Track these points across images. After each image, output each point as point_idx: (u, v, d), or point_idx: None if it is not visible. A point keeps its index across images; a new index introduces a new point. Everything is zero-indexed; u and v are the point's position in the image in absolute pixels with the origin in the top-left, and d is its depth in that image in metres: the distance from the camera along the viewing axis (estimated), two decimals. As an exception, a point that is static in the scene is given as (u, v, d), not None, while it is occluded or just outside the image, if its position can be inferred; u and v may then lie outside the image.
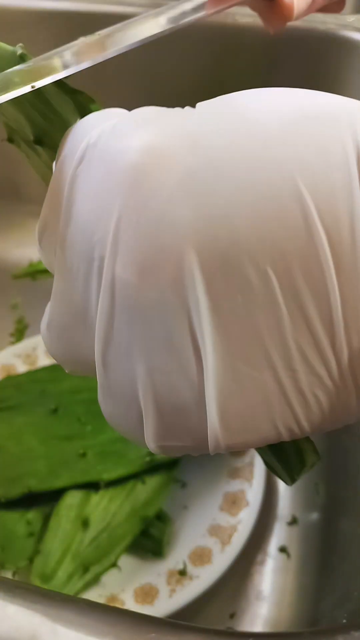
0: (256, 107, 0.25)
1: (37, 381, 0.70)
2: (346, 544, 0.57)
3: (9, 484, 0.60)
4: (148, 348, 0.25)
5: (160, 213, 0.24)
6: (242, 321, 0.24)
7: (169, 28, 0.38)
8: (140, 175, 0.25)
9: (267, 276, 0.23)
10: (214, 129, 0.25)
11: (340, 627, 0.30)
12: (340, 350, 0.24)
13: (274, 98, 0.26)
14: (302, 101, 0.26)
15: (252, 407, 0.24)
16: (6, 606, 0.27)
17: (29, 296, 0.86)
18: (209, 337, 0.24)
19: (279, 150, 0.24)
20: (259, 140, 0.24)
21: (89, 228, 0.26)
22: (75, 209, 0.27)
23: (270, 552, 0.63)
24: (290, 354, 0.24)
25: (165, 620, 0.30)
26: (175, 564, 0.59)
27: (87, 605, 0.29)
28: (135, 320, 0.25)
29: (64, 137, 0.30)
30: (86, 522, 0.59)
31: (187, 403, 0.25)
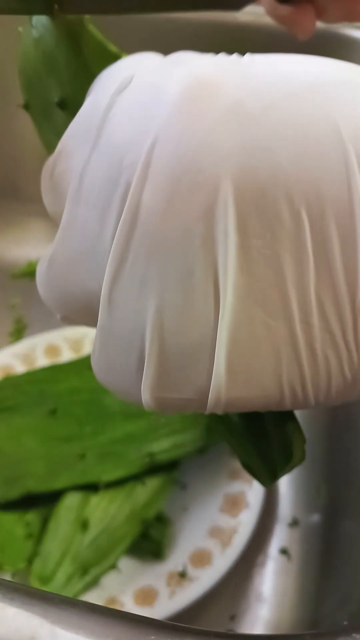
0: (300, 60, 0.26)
1: (36, 382, 0.70)
2: (347, 546, 0.58)
3: (7, 485, 0.60)
4: (163, 283, 0.24)
5: (202, 138, 0.23)
6: (267, 263, 0.23)
7: None
8: (186, 101, 0.24)
9: (300, 218, 0.23)
10: (263, 70, 0.25)
11: (341, 629, 0.30)
12: (358, 312, 0.23)
13: (309, 60, 0.26)
14: (339, 64, 0.26)
15: (261, 358, 0.24)
16: (5, 608, 0.27)
17: (27, 296, 0.86)
18: (232, 276, 0.23)
19: (324, 96, 0.24)
20: (306, 83, 0.24)
21: (119, 151, 0.25)
22: (106, 132, 0.26)
23: (271, 554, 0.63)
24: (310, 305, 0.23)
25: (165, 623, 0.29)
26: (175, 566, 0.59)
27: (86, 607, 0.28)
28: (155, 252, 0.24)
29: (96, 79, 0.30)
30: (85, 523, 0.59)
31: (196, 346, 0.24)
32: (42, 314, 0.84)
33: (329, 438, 0.67)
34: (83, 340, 0.78)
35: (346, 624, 0.51)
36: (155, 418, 0.63)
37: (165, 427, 0.63)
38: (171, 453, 0.63)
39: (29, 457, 0.62)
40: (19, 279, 0.87)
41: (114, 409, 0.65)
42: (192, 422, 0.64)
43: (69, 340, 0.78)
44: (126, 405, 0.64)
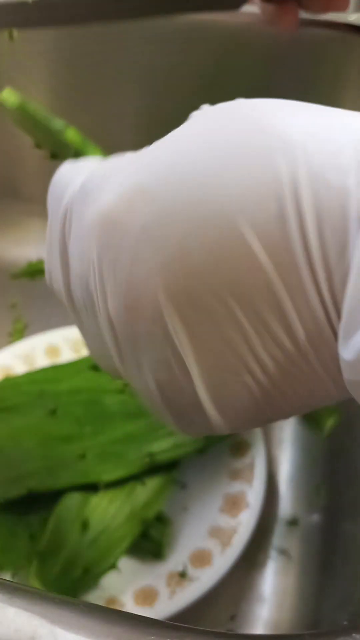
0: (195, 146, 0.28)
1: (36, 382, 0.70)
2: (347, 546, 0.58)
3: (8, 485, 0.60)
4: (152, 367, 0.30)
5: (130, 258, 0.28)
6: (215, 339, 0.27)
7: None
8: (104, 240, 0.29)
9: (227, 302, 0.27)
10: (162, 180, 0.28)
11: (341, 629, 0.30)
12: (298, 341, 0.27)
13: (211, 131, 0.29)
14: (241, 129, 0.28)
15: (241, 400, 0.29)
16: (5, 608, 0.27)
17: (27, 296, 0.86)
18: (190, 356, 0.28)
19: (217, 193, 0.26)
20: (201, 185, 0.27)
21: (83, 278, 0.31)
22: (70, 263, 0.32)
23: (271, 554, 0.63)
24: (262, 357, 0.27)
25: (165, 623, 0.30)
26: (175, 566, 0.59)
27: (86, 607, 0.29)
28: (136, 347, 0.29)
29: (48, 192, 0.37)
30: (85, 523, 0.59)
31: (190, 406, 0.30)
32: (42, 314, 0.84)
33: (329, 439, 0.68)
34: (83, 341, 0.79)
35: (346, 624, 0.51)
36: (155, 418, 0.64)
37: (165, 427, 0.63)
38: (171, 453, 0.63)
39: (29, 457, 0.62)
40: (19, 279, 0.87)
41: (114, 409, 0.65)
42: (192, 422, 0.64)
43: (69, 341, 0.78)
44: (126, 405, 0.65)
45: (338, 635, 0.29)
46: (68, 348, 0.78)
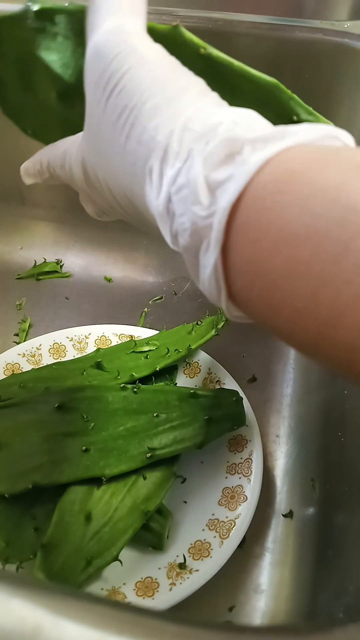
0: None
1: (41, 379, 0.71)
2: (342, 539, 0.58)
3: (13, 480, 0.61)
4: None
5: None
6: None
7: None
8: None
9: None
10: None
11: (338, 620, 0.30)
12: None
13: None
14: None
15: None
16: (10, 599, 0.28)
17: (33, 297, 0.87)
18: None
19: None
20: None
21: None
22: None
23: (268, 546, 0.64)
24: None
25: (166, 613, 0.30)
26: (175, 558, 0.60)
27: (89, 598, 0.29)
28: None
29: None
30: (89, 516, 0.59)
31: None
32: (47, 315, 0.85)
33: (324, 434, 0.68)
34: (87, 340, 0.79)
35: (342, 616, 0.51)
36: (156, 414, 0.64)
37: (166, 423, 0.64)
38: (171, 448, 0.63)
39: (34, 452, 0.62)
40: (25, 281, 0.88)
41: (117, 406, 0.65)
42: (191, 418, 0.65)
43: (73, 340, 0.79)
44: (128, 402, 0.65)
45: (334, 626, 0.29)
46: (72, 347, 0.79)
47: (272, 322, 0.33)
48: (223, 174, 0.33)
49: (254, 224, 0.31)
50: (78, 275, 0.91)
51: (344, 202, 0.28)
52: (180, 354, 0.74)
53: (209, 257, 0.34)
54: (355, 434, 0.62)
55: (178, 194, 0.34)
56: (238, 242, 0.32)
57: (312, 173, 0.30)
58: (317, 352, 0.31)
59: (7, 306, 0.87)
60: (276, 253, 0.30)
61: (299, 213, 0.29)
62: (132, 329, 0.81)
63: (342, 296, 0.27)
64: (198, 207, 0.33)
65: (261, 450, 0.66)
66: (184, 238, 0.35)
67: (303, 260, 0.29)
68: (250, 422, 0.68)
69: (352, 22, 0.70)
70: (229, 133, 0.33)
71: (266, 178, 0.31)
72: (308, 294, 0.29)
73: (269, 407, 0.76)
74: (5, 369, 0.76)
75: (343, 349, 0.29)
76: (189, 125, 0.35)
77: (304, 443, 0.71)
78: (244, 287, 0.34)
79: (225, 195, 0.32)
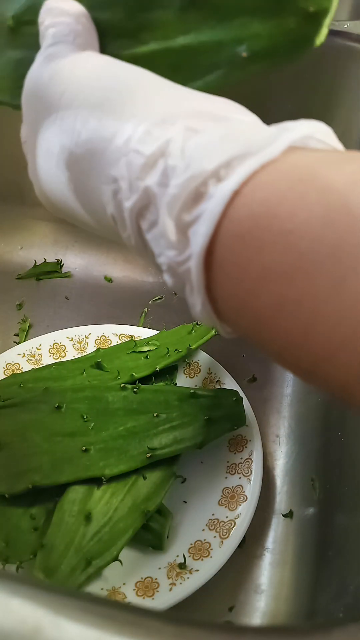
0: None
1: (41, 379, 0.71)
2: (342, 539, 0.58)
3: (13, 480, 0.61)
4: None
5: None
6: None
7: None
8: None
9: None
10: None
11: (337, 620, 0.30)
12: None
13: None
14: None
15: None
16: (10, 599, 0.27)
17: (33, 297, 0.87)
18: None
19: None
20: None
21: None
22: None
23: (268, 546, 0.64)
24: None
25: (165, 613, 0.30)
26: (175, 558, 0.60)
27: (89, 598, 0.29)
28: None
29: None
30: (89, 516, 0.59)
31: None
32: (47, 315, 0.85)
33: (324, 434, 0.68)
34: (87, 340, 0.79)
35: (341, 616, 0.52)
36: (156, 414, 0.64)
37: (166, 423, 0.64)
38: (171, 448, 0.63)
39: (34, 452, 0.62)
40: (25, 280, 0.88)
41: (117, 406, 0.65)
42: (191, 418, 0.65)
43: (73, 340, 0.79)
44: (128, 402, 0.65)
45: (334, 626, 0.29)
46: (72, 347, 0.79)
47: (263, 348, 0.32)
48: (191, 215, 0.31)
49: (233, 263, 0.30)
50: (78, 275, 0.91)
51: (330, 239, 0.26)
52: (180, 354, 0.74)
53: (195, 298, 0.33)
54: (355, 434, 0.62)
55: (150, 231, 0.33)
56: (220, 280, 0.31)
57: (289, 205, 0.28)
58: (311, 381, 0.31)
59: (7, 306, 0.87)
60: (260, 291, 0.29)
61: (283, 251, 0.28)
62: (132, 329, 0.81)
63: (336, 334, 0.27)
64: (172, 252, 0.32)
65: (261, 450, 0.66)
66: (167, 278, 0.34)
67: (292, 298, 0.28)
68: (250, 422, 0.68)
69: (352, 22, 0.70)
70: (186, 166, 0.31)
71: (240, 213, 0.30)
72: (299, 332, 0.28)
73: (269, 407, 0.76)
74: (5, 369, 0.76)
75: (337, 384, 0.28)
76: (136, 150, 0.33)
77: (304, 443, 0.71)
78: (232, 318, 0.33)
79: (197, 238, 0.31)
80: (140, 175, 0.33)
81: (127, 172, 0.33)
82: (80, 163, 0.36)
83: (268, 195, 0.29)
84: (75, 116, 0.36)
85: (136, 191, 0.33)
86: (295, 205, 0.28)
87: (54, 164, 0.39)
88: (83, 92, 0.37)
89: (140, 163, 0.33)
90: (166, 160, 0.32)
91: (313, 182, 0.28)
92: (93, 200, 0.37)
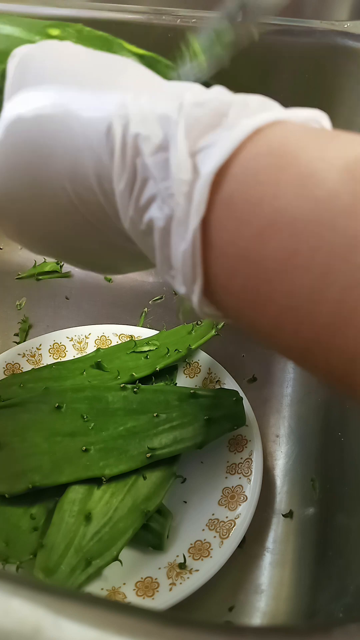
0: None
1: (41, 379, 0.71)
2: (342, 539, 0.58)
3: (13, 480, 0.61)
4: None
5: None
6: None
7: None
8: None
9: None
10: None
11: (337, 620, 0.30)
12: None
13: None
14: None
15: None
16: (10, 599, 0.27)
17: (33, 297, 0.87)
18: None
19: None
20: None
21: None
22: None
23: (268, 546, 0.64)
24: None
25: (166, 613, 0.30)
26: (175, 558, 0.60)
27: (89, 598, 0.29)
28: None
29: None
30: (89, 516, 0.60)
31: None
32: (47, 315, 0.85)
33: (324, 434, 0.68)
34: (87, 340, 0.79)
35: (341, 616, 0.51)
36: (156, 414, 0.64)
37: (166, 423, 0.64)
38: (171, 448, 0.64)
39: (34, 452, 0.62)
40: (25, 280, 0.88)
41: (117, 406, 0.65)
42: (191, 418, 0.65)
43: (73, 340, 0.79)
44: (128, 402, 0.65)
45: (334, 626, 0.29)
46: (72, 347, 0.79)
47: (254, 319, 0.29)
48: (207, 140, 0.29)
49: (243, 199, 0.28)
50: (78, 275, 0.91)
51: (351, 190, 0.25)
52: (180, 354, 0.74)
53: (186, 230, 0.30)
54: (355, 434, 0.62)
55: (155, 155, 0.30)
56: (222, 219, 0.29)
57: (312, 152, 0.27)
58: (305, 357, 0.28)
59: (7, 306, 0.87)
60: (268, 238, 0.27)
61: (299, 195, 0.26)
62: (132, 329, 0.81)
63: (349, 299, 0.25)
64: (180, 174, 0.29)
65: (261, 450, 0.66)
66: (156, 211, 0.31)
67: (301, 252, 0.26)
68: (250, 422, 0.68)
69: (352, 22, 0.70)
70: (211, 97, 0.30)
71: (259, 149, 0.28)
72: (305, 292, 0.26)
73: (269, 407, 0.76)
74: (5, 369, 0.76)
75: (341, 358, 0.26)
76: (154, 91, 0.32)
77: (304, 443, 0.71)
78: (224, 274, 0.30)
79: (211, 160, 0.28)
80: (153, 104, 0.31)
81: (146, 101, 0.32)
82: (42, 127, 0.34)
83: (290, 140, 0.28)
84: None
85: (143, 119, 0.31)
86: (316, 152, 0.27)
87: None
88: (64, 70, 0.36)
89: (163, 94, 0.32)
90: (184, 91, 0.31)
91: (337, 135, 0.28)
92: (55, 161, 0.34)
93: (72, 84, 0.35)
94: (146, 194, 0.31)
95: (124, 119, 0.31)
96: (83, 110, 0.33)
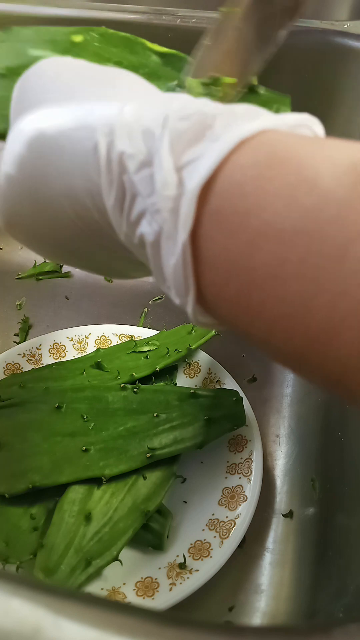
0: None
1: (41, 379, 0.71)
2: (342, 539, 0.58)
3: (13, 480, 0.61)
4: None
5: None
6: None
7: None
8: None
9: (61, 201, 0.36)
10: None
11: (337, 620, 0.30)
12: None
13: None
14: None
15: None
16: (10, 599, 0.28)
17: (33, 297, 0.87)
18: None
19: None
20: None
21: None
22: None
23: (268, 546, 0.64)
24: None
25: (165, 613, 0.30)
26: (175, 558, 0.60)
27: (89, 598, 0.29)
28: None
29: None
30: (89, 516, 0.60)
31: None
32: (47, 315, 0.85)
33: (324, 434, 0.68)
34: (87, 340, 0.79)
35: (341, 616, 0.51)
36: (156, 414, 0.64)
37: (166, 424, 0.64)
38: (171, 448, 0.63)
39: (34, 452, 0.62)
40: (25, 280, 0.88)
41: (117, 406, 0.65)
42: (191, 418, 0.65)
43: (73, 340, 0.79)
44: (128, 402, 0.65)
45: (334, 626, 0.29)
46: (72, 347, 0.79)
47: (248, 326, 0.30)
48: (192, 154, 0.29)
49: (230, 212, 0.28)
50: (78, 275, 0.91)
51: (339, 197, 0.25)
52: (180, 354, 0.74)
53: (175, 244, 0.30)
54: (355, 434, 0.62)
55: (140, 172, 0.30)
56: (210, 232, 0.29)
57: (299, 160, 0.27)
58: (300, 363, 0.28)
59: (7, 306, 0.87)
60: (258, 248, 0.27)
61: (287, 205, 0.26)
62: (132, 329, 0.81)
63: (341, 305, 0.25)
64: (165, 190, 0.29)
65: (261, 450, 0.66)
66: (146, 227, 0.31)
67: (291, 260, 0.26)
68: (250, 422, 0.68)
69: (352, 22, 0.70)
70: (196, 109, 0.30)
71: (245, 160, 0.28)
72: (297, 298, 0.26)
73: (269, 407, 0.76)
74: (5, 369, 0.76)
75: (335, 363, 0.26)
76: (140, 103, 0.32)
77: (304, 443, 0.71)
78: (216, 283, 0.30)
79: (196, 175, 0.29)
80: (138, 119, 0.31)
81: (130, 115, 0.32)
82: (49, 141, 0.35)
83: (276, 150, 0.28)
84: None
85: (128, 135, 0.31)
86: (304, 160, 0.27)
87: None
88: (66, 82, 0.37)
89: (150, 108, 0.32)
90: (171, 102, 0.31)
91: (325, 142, 0.28)
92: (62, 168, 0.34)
93: (67, 101, 0.35)
94: (136, 210, 0.32)
95: (109, 136, 0.31)
96: (73, 130, 0.33)
